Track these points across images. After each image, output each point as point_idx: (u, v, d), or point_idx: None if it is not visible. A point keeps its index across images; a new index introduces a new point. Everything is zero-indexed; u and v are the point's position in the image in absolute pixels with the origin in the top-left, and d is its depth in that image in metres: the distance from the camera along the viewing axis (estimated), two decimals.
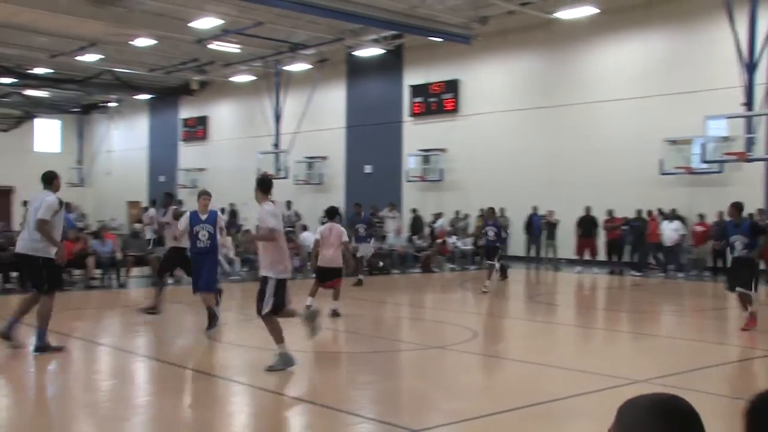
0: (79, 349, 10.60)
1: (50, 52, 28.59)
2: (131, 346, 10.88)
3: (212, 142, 36.82)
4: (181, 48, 28.17)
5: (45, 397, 8.12)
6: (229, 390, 8.32)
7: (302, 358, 10.19)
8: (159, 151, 39.91)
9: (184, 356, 10.19)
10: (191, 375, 9.01)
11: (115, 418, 7.04)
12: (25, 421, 7.07)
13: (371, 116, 29.86)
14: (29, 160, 41.44)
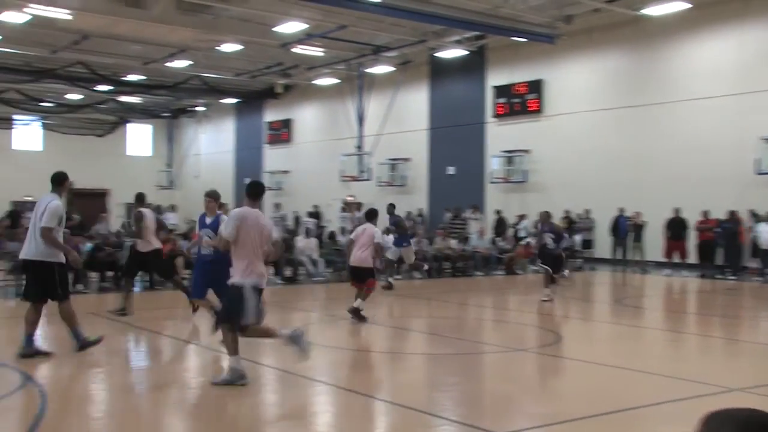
0: (168, 347, 10.86)
1: (143, 59, 29.47)
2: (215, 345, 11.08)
3: (296, 145, 37.28)
4: (267, 52, 28.63)
5: (137, 393, 8.32)
6: (313, 389, 8.37)
7: (385, 359, 10.22)
8: (245, 153, 40.63)
9: (267, 355, 10.31)
10: (275, 373, 9.11)
11: (202, 414, 7.18)
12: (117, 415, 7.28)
13: (454, 118, 29.74)
14: (122, 163, 42.91)
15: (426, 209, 30.25)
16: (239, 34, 25.45)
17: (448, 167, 30.06)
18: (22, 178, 38.68)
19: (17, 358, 8.98)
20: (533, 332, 12.54)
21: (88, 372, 8.81)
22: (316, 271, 20.08)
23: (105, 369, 9.10)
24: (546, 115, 26.98)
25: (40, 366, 9.33)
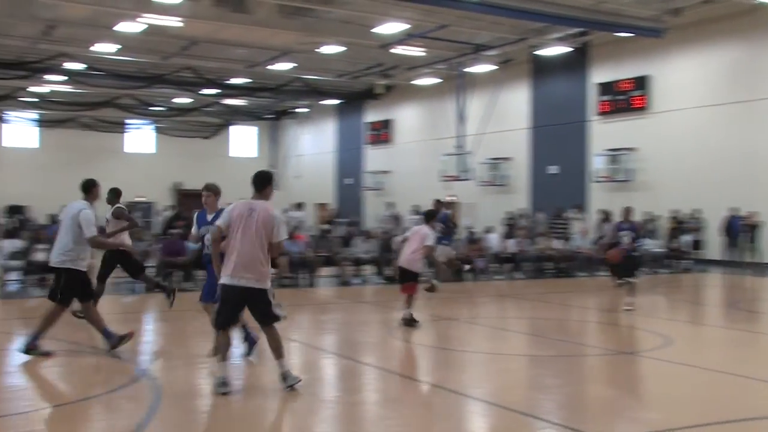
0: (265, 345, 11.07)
1: (247, 63, 30.18)
2: (319, 343, 11.24)
3: (397, 145, 37.44)
4: (367, 53, 28.87)
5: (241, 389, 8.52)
6: (412, 388, 8.39)
7: (485, 359, 10.15)
8: (346, 154, 41.08)
9: (370, 354, 10.40)
10: (377, 373, 9.17)
11: (306, 412, 7.30)
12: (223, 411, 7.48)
13: (556, 116, 29.30)
14: (227, 164, 43.99)
15: (527, 209, 29.93)
16: (340, 35, 25.77)
17: (549, 166, 29.64)
18: (135, 179, 40.24)
19: (20, 351, 9.21)
20: (640, 335, 12.22)
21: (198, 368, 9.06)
22: None
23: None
24: (652, 112, 26.26)
25: (155, 361, 9.69)
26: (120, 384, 8.22)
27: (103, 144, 40.78)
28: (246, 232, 7.46)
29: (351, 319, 14.04)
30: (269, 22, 23.91)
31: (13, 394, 8.06)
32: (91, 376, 8.85)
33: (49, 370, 9.42)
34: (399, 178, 36.46)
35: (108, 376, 8.79)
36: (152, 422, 6.70)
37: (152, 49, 27.88)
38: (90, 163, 40.16)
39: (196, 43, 27.05)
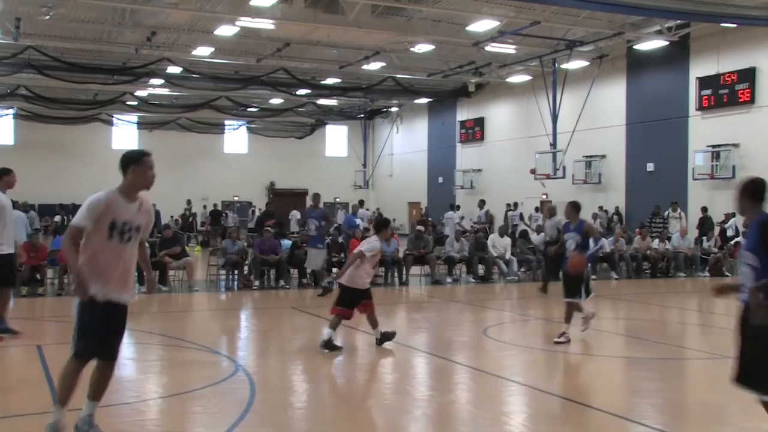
0: (363, 341, 11.17)
1: (339, 63, 30.50)
2: (411, 342, 11.27)
3: (489, 143, 37.20)
4: (459, 51, 28.79)
5: (334, 386, 8.64)
6: (506, 389, 8.33)
7: (581, 360, 9.98)
8: (437, 152, 41.06)
9: (462, 353, 10.36)
10: (470, 372, 9.14)
11: (399, 410, 7.34)
12: (317, 408, 7.60)
13: (654, 112, 28.53)
14: (320, 164, 44.62)
15: (623, 207, 29.28)
16: (432, 34, 25.78)
17: (647, 164, 28.90)
18: (231, 179, 41.24)
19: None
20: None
21: (293, 363, 9.20)
22: (509, 270, 19.96)
23: (312, 362, 9.49)
24: (759, 106, 25.24)
25: (250, 356, 9.91)
26: (217, 378, 8.43)
27: (200, 145, 41.88)
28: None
29: (443, 318, 14.03)
30: (361, 23, 24.10)
31: (120, 385, 8.36)
32: (190, 371, 9.10)
33: (152, 363, 9.76)
34: (491, 177, 36.23)
35: (206, 371, 9.02)
36: (248, 417, 6.85)
37: (247, 52, 28.50)
38: (188, 163, 41.44)
39: (289, 45, 27.50)
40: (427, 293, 17.91)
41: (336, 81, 33.82)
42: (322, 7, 23.44)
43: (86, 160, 39.79)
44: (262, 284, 17.49)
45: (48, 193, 35.50)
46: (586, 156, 30.59)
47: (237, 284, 17.52)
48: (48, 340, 11.05)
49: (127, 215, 5.87)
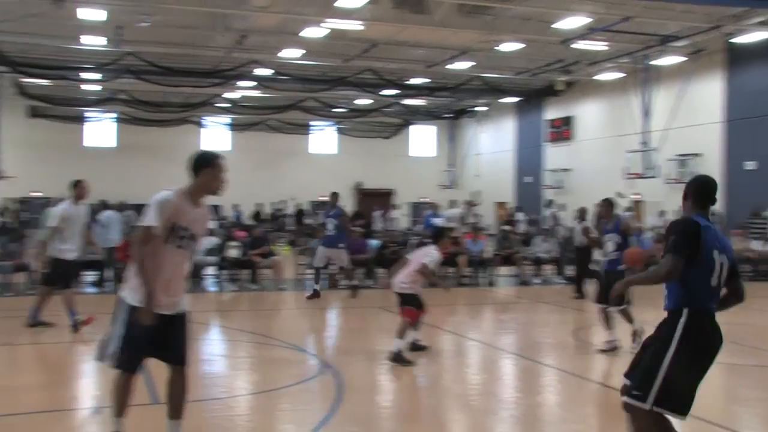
0: (449, 342, 11.18)
1: (426, 63, 30.51)
2: (499, 343, 11.21)
3: (578, 142, 36.55)
4: (547, 49, 28.41)
5: (420, 387, 8.66)
6: (596, 392, 8.20)
7: None
8: (525, 152, 40.60)
9: (550, 355, 10.24)
10: (557, 374, 9.03)
11: (485, 411, 7.32)
12: (404, 408, 7.64)
13: (755, 108, 27.42)
14: (407, 164, 44.72)
15: (721, 207, 28.37)
16: (520, 33, 25.51)
17: (746, 162, 27.90)
18: (319, 179, 41.70)
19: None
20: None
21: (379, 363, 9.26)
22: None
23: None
24: None
25: (337, 355, 10.02)
26: (305, 377, 8.57)
27: (289, 145, 42.50)
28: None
29: (531, 319, 13.90)
30: (448, 22, 24.03)
31: (211, 381, 8.61)
32: (279, 368, 9.26)
33: (242, 360, 9.98)
34: (580, 176, 35.59)
35: (294, 369, 9.16)
36: (335, 416, 6.94)
37: (334, 53, 28.77)
38: (277, 164, 42.14)
39: (376, 45, 27.64)
40: (514, 294, 17.78)
41: (423, 81, 33.83)
42: (409, 8, 23.47)
43: (178, 161, 40.55)
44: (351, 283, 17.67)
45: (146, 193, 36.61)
46: (680, 155, 29.74)
47: (325, 283, 17.74)
48: None
49: (187, 220, 5.53)
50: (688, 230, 4.73)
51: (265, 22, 24.72)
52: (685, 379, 4.68)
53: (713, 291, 4.79)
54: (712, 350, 4.78)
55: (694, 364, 4.71)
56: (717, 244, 4.78)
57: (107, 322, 5.83)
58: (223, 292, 16.97)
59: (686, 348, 4.64)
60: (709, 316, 4.78)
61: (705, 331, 4.72)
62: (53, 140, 34.84)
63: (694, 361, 4.69)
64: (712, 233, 4.79)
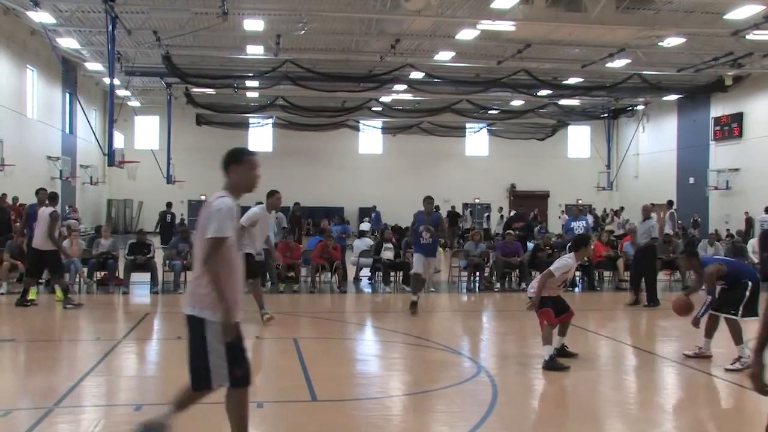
0: (606, 348, 10.88)
1: (581, 62, 29.87)
2: (659, 350, 10.80)
3: (748, 140, 34.63)
4: (713, 43, 27.10)
5: (575, 392, 8.46)
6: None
7: None
8: (688, 151, 38.93)
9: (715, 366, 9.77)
10: (726, 386, 8.61)
11: (646, 421, 7.07)
12: (558, 414, 7.50)
13: None
14: (563, 165, 43.91)
15: None
16: (683, 26, 24.44)
17: None
18: (471, 181, 41.68)
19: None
20: None
21: (534, 368, 9.15)
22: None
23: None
24: None
25: (491, 358, 9.97)
26: (460, 379, 8.57)
27: (442, 148, 42.69)
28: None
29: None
30: (605, 19, 23.40)
31: (366, 380, 8.77)
32: (433, 370, 9.31)
33: (396, 361, 10.11)
34: (750, 177, 33.71)
35: (449, 371, 9.19)
36: (489, 419, 6.92)
37: (487, 54, 28.67)
38: (430, 166, 42.40)
39: (530, 46, 27.31)
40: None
41: (578, 80, 33.13)
42: (563, 6, 23.07)
43: (335, 164, 41.95)
44: (503, 286, 17.54)
45: (301, 196, 37.69)
46: None
47: (479, 286, 17.69)
48: (303, 334, 11.81)
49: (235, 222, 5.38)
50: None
51: (418, 26, 24.95)
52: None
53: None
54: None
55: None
56: None
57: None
58: (378, 293, 17.23)
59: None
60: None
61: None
62: (217, 146, 36.08)
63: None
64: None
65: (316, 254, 17.16)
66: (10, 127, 26.39)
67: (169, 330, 11.93)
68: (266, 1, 22.57)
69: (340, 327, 12.90)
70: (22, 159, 26.39)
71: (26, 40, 26.99)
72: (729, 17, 22.94)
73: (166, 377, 8.43)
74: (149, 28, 25.64)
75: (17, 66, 27.38)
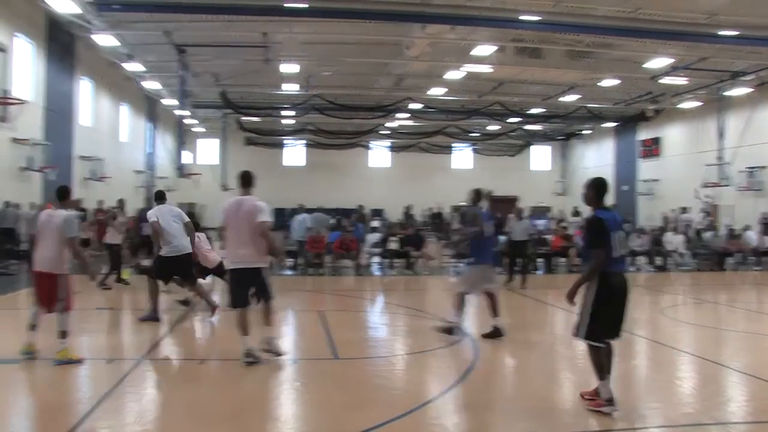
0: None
1: (542, 96, 29.83)
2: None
3: (665, 158, 34.55)
4: (638, 84, 27.09)
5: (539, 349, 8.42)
6: (679, 359, 7.79)
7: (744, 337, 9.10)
8: (622, 166, 38.78)
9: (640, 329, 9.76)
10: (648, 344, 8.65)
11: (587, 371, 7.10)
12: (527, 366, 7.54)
13: None
14: (527, 176, 43.84)
15: None
16: (616, 71, 24.50)
17: None
18: (458, 189, 41.43)
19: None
20: None
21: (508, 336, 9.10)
22: (682, 261, 18.69)
23: (528, 339, 9.23)
24: None
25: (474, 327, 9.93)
26: (449, 343, 8.50)
27: (435, 163, 42.60)
28: (237, 224, 6.94)
29: None
30: (559, 64, 23.45)
31: (376, 343, 8.87)
32: (428, 335, 9.27)
33: (400, 328, 10.13)
34: (667, 185, 33.69)
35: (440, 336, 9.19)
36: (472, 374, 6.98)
37: (470, 90, 28.63)
38: (426, 177, 42.36)
39: (502, 83, 27.34)
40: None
41: (540, 110, 33.09)
42: (527, 54, 23.09)
43: (351, 175, 41.89)
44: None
45: (327, 200, 37.59)
46: (749, 167, 27.57)
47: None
48: (327, 307, 11.90)
49: None
50: None
51: (417, 68, 24.98)
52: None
53: None
54: None
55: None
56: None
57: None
58: (385, 276, 17.29)
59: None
60: None
61: None
62: (261, 161, 36.37)
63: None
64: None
65: (336, 245, 17.26)
66: (109, 149, 26.65)
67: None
68: (302, 51, 22.61)
69: (356, 302, 12.92)
70: (117, 173, 26.64)
71: (121, 84, 27.18)
72: (647, 66, 23.02)
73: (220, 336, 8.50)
74: (210, 72, 25.78)
75: (114, 103, 27.75)
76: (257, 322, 7.21)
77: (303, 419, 5.60)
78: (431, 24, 19.37)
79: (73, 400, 6.06)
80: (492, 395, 6.44)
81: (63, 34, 20.66)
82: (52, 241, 6.91)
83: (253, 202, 6.99)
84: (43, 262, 6.93)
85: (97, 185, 24.27)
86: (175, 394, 6.21)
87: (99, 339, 8.55)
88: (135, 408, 5.65)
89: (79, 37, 21.24)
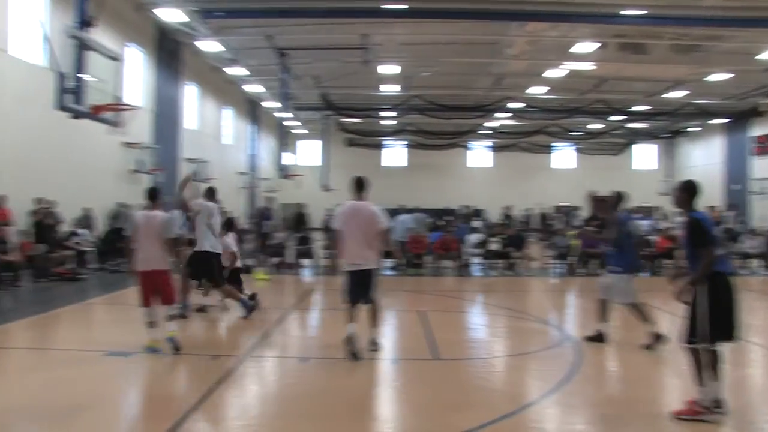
0: None
1: (646, 93, 28.49)
2: None
3: None
4: (750, 77, 25.24)
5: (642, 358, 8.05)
6: None
7: None
8: (733, 164, 36.37)
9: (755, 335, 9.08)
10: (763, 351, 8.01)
11: None
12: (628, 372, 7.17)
13: None
14: (630, 175, 42.06)
15: None
16: (726, 65, 22.94)
17: None
18: (560, 189, 40.51)
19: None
20: None
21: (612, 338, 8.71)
22: None
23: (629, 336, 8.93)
24: None
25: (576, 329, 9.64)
26: (551, 345, 8.35)
27: (535, 162, 41.69)
28: (357, 228, 7.21)
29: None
30: (664, 59, 22.25)
31: (476, 344, 8.72)
32: (529, 337, 9.13)
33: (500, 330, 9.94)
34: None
35: (542, 338, 8.98)
36: (575, 376, 6.72)
37: (571, 88, 27.75)
38: (526, 177, 41.56)
39: (605, 81, 26.30)
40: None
41: (644, 108, 31.60)
42: (631, 49, 22.06)
43: (451, 175, 41.68)
44: (587, 272, 16.89)
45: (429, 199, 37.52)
46: None
47: (565, 271, 17.15)
48: (427, 307, 11.80)
49: None
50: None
51: (516, 67, 24.47)
52: None
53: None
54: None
55: None
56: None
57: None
58: (486, 276, 17.02)
59: None
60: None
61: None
62: (361, 162, 36.83)
63: None
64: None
65: (437, 246, 17.16)
66: (214, 151, 27.59)
67: (330, 300, 12.06)
68: (401, 52, 22.68)
69: (456, 302, 12.76)
70: (221, 174, 27.32)
71: (225, 88, 28.25)
72: (760, 57, 21.36)
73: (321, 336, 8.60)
74: (311, 75, 26.31)
75: (218, 107, 28.74)
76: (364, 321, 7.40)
77: (402, 419, 5.56)
78: (531, 22, 18.93)
79: (181, 392, 6.32)
80: (595, 399, 6.14)
81: (170, 41, 21.67)
82: (154, 240, 7.24)
83: (370, 207, 7.26)
84: (147, 262, 7.25)
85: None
86: (276, 391, 6.34)
87: (205, 335, 8.87)
88: (239, 403, 5.80)
89: (185, 44, 22.18)
